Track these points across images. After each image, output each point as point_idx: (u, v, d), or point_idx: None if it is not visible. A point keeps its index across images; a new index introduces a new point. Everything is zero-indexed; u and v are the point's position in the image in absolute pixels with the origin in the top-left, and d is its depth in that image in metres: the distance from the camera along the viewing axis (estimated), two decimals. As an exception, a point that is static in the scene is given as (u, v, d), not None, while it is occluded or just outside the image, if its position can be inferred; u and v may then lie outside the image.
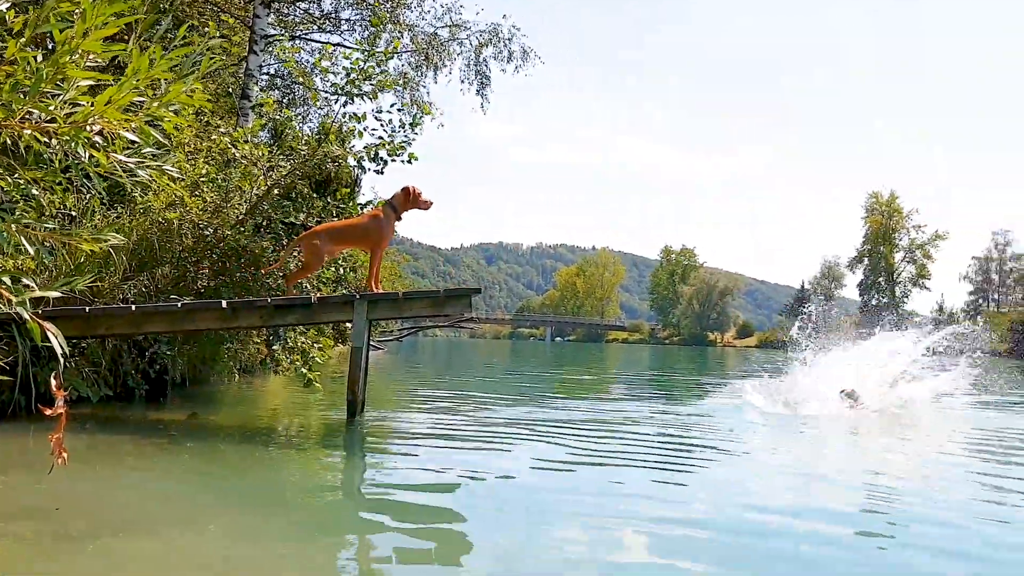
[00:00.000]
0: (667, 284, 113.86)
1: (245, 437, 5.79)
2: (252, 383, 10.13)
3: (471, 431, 6.45)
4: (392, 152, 8.75)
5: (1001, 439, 6.65)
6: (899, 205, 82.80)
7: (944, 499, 4.18)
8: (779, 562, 2.93)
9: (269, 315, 6.54)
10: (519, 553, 2.97)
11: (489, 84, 16.42)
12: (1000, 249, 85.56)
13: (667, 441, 6.11)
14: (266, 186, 8.69)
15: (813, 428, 7.17)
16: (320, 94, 13.91)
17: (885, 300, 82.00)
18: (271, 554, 2.87)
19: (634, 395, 10.92)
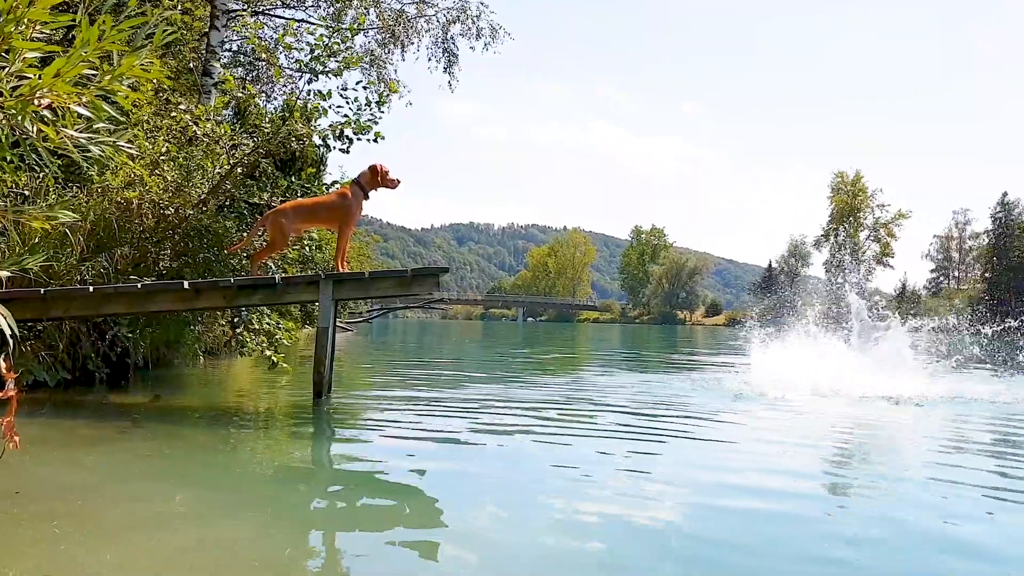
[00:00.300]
0: (637, 264, 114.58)
1: (210, 419, 5.71)
2: (218, 366, 10.00)
3: (440, 411, 6.42)
4: (358, 131, 8.62)
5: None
6: (864, 184, 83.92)
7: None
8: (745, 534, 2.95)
9: (233, 295, 6.43)
10: (489, 531, 2.95)
11: (457, 62, 16.26)
12: (960, 228, 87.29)
13: (640, 417, 6.13)
14: (229, 165, 8.53)
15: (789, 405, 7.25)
16: (284, 71, 13.69)
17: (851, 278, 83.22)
18: (237, 535, 2.82)
19: (606, 372, 10.96)
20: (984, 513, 3.34)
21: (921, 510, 3.35)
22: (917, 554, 2.77)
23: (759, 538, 2.92)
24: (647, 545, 2.80)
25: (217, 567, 2.47)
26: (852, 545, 2.84)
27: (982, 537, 2.99)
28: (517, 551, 2.73)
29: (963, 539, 2.94)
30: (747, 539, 2.90)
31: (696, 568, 2.59)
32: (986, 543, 2.91)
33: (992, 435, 5.66)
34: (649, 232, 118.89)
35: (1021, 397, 7.56)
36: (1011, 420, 6.21)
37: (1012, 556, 2.78)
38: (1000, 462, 4.56)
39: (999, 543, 2.93)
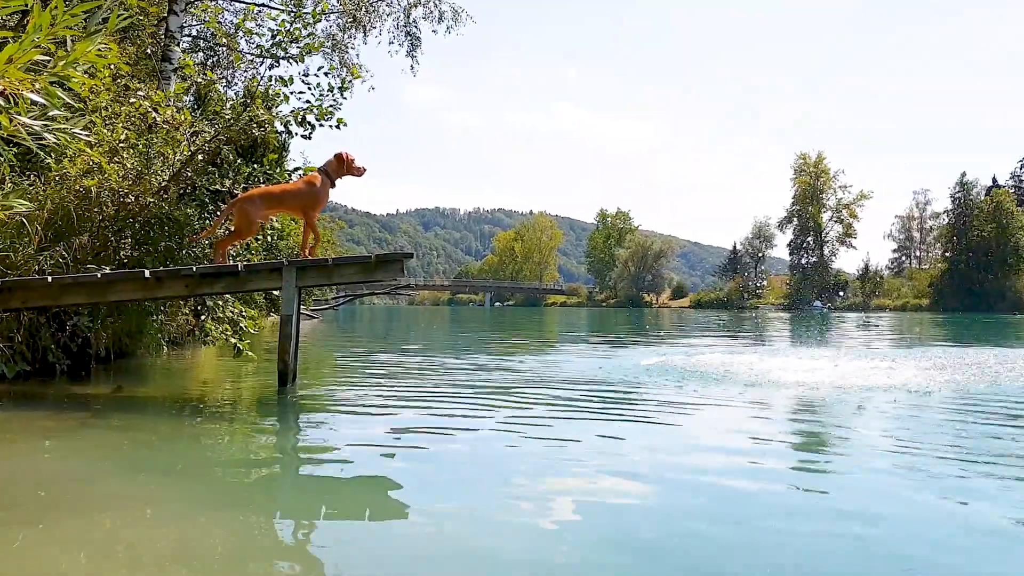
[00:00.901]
0: (603, 247, 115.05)
1: (174, 409, 5.67)
2: (182, 355, 9.90)
3: (407, 398, 6.45)
4: (320, 117, 8.57)
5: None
6: (826, 166, 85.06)
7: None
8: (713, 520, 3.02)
9: (195, 284, 6.38)
10: (458, 519, 2.97)
11: (420, 46, 16.15)
12: (921, 208, 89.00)
13: (606, 399, 6.20)
14: (190, 152, 8.41)
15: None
16: (245, 57, 13.49)
17: (814, 259, 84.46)
18: (202, 526, 2.82)
19: (573, 355, 11.04)
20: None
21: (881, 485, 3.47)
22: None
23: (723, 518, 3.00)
24: (617, 531, 2.86)
25: (183, 558, 2.48)
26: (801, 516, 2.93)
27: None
28: (486, 537, 2.75)
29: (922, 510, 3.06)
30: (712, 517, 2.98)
31: (665, 553, 2.66)
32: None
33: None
34: (615, 215, 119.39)
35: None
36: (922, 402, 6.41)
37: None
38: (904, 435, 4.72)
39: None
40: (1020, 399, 6.24)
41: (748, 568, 2.42)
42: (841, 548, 2.60)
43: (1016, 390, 6.77)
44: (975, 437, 4.58)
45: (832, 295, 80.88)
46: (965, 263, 69.18)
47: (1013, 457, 4.03)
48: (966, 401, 6.10)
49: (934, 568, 2.43)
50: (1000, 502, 3.19)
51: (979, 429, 4.86)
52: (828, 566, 2.45)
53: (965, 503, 3.14)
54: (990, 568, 2.47)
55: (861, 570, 2.41)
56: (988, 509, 3.07)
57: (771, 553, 2.56)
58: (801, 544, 2.66)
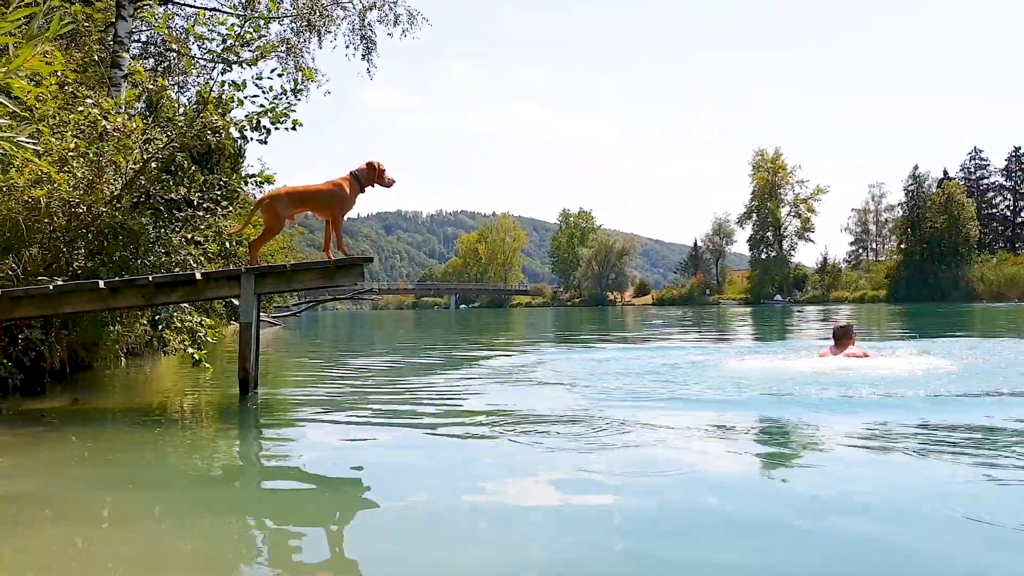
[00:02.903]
0: (567, 247, 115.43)
1: (134, 421, 5.58)
2: (140, 366, 9.74)
3: (368, 404, 6.42)
4: (275, 120, 8.47)
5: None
6: (784, 162, 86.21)
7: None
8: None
9: (151, 294, 6.29)
10: (420, 525, 2.96)
11: (375, 49, 16.06)
12: (876, 201, 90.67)
13: (573, 401, 6.21)
14: (143, 160, 8.28)
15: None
16: (197, 62, 13.30)
17: (774, 254, 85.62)
18: (165, 538, 2.79)
19: (537, 357, 11.04)
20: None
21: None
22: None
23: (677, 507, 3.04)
24: (586, 536, 2.86)
25: (146, 571, 2.45)
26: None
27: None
28: (449, 543, 2.74)
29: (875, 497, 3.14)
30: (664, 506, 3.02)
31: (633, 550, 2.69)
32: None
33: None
34: (577, 215, 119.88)
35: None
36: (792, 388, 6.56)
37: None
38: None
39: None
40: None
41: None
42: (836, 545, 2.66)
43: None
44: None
45: (792, 289, 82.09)
46: (919, 254, 70.64)
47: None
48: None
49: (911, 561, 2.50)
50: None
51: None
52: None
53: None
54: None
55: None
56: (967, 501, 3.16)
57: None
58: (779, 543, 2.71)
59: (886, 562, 2.38)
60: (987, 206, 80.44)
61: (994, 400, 5.55)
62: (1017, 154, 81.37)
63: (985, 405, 5.36)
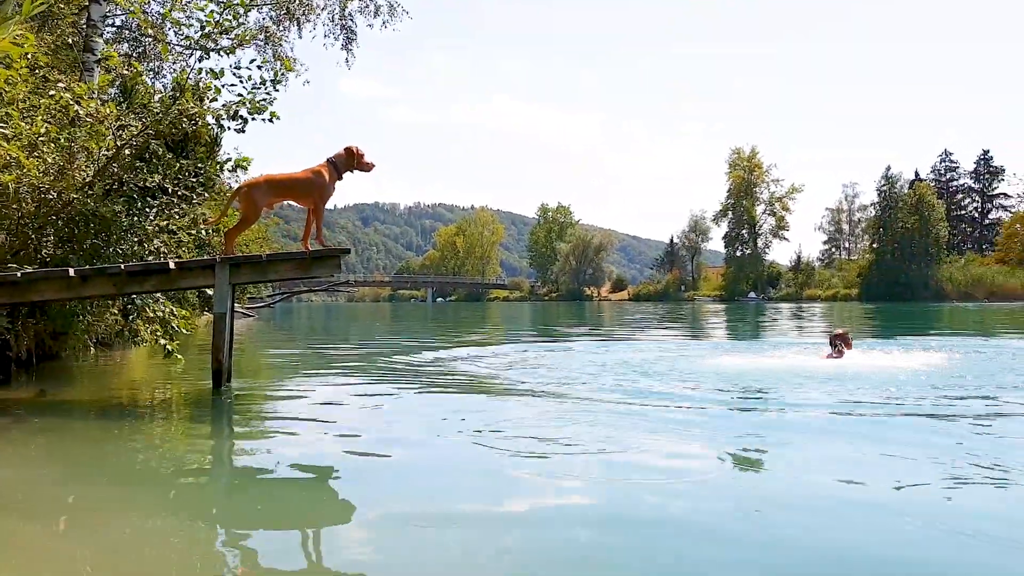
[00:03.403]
0: (545, 242, 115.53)
1: (103, 413, 5.49)
2: (110, 357, 9.60)
3: (344, 397, 6.37)
4: (253, 110, 8.36)
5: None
6: (759, 160, 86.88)
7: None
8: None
9: (123, 282, 6.19)
10: (393, 521, 2.94)
11: (355, 39, 15.94)
12: (850, 200, 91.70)
13: (550, 396, 6.20)
14: (116, 146, 8.13)
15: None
16: (173, 48, 13.10)
17: (749, 252, 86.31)
18: (131, 535, 2.73)
19: (513, 351, 11.02)
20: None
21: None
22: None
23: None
24: (564, 537, 2.85)
25: (114, 568, 2.40)
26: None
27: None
28: (423, 539, 2.72)
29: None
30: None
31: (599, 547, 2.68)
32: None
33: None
34: (555, 210, 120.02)
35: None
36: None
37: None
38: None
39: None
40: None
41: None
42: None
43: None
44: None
45: (766, 286, 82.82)
46: (891, 254, 71.50)
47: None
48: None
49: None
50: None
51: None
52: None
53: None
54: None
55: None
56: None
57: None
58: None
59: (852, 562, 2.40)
60: (956, 207, 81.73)
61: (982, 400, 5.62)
62: (985, 157, 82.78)
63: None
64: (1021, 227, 72.55)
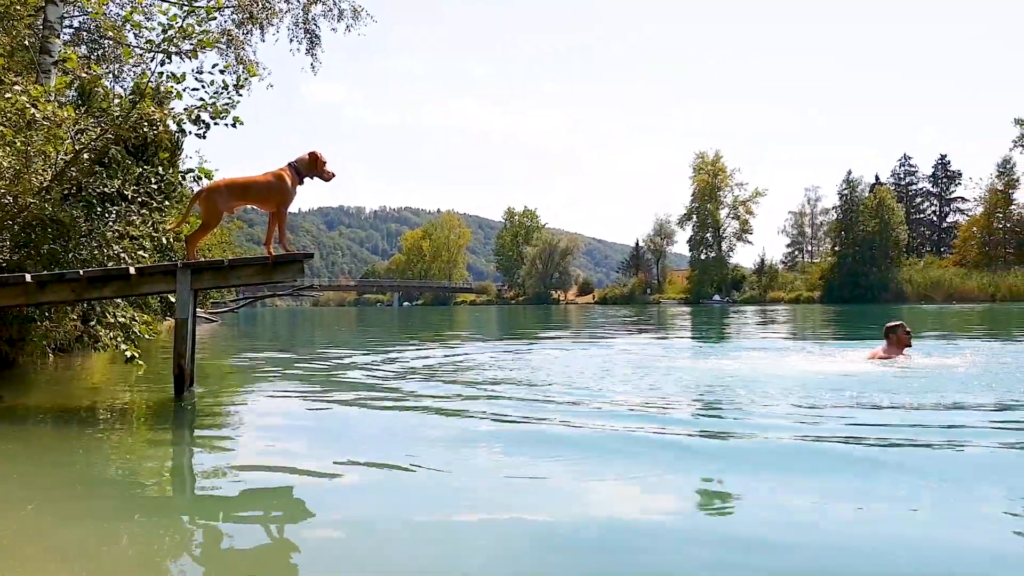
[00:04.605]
0: (511, 245, 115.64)
1: (60, 420, 5.42)
2: (69, 363, 9.45)
3: (307, 402, 6.36)
4: (215, 115, 8.30)
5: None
6: (723, 164, 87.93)
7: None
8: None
9: (82, 289, 6.12)
10: (356, 527, 2.95)
11: (319, 44, 15.89)
12: (812, 204, 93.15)
13: (521, 396, 6.23)
14: (74, 150, 8.03)
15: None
16: (134, 51, 12.93)
17: (713, 255, 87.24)
18: (88, 545, 2.72)
19: (479, 353, 11.04)
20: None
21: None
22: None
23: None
24: (531, 540, 2.91)
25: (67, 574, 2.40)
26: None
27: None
28: (388, 548, 2.73)
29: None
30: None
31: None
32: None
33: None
34: (522, 214, 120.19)
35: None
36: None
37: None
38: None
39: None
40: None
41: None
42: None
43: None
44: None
45: (730, 289, 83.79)
46: (852, 257, 72.81)
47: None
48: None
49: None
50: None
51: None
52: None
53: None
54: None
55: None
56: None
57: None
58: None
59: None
60: (915, 211, 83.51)
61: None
62: (943, 162, 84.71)
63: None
64: (977, 230, 74.41)
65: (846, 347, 10.69)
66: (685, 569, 2.42)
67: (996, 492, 3.20)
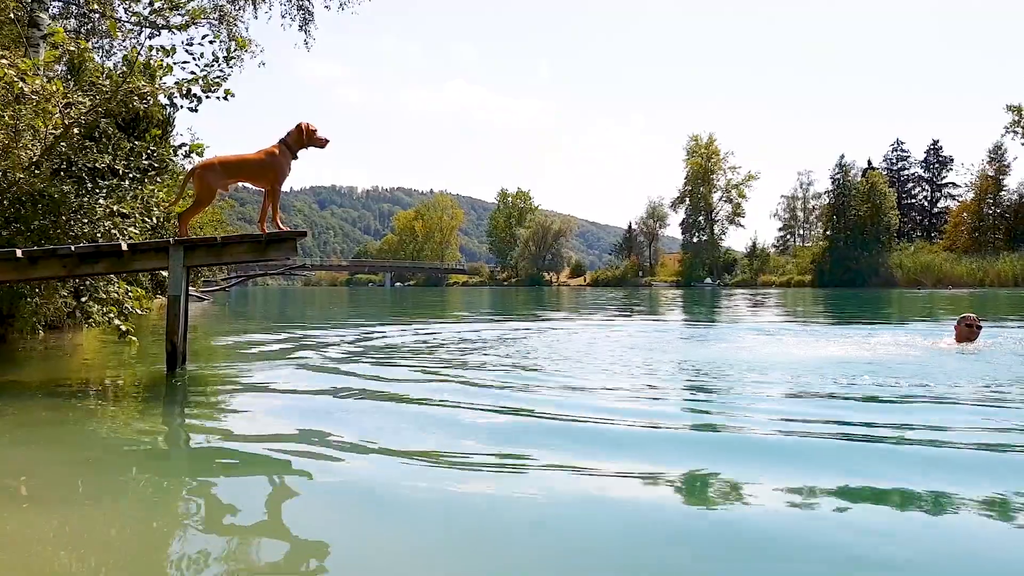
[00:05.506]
0: (504, 227, 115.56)
1: (51, 397, 5.37)
2: (61, 339, 9.39)
3: (300, 380, 6.33)
4: (206, 88, 8.20)
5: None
6: (717, 147, 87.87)
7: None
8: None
9: (74, 264, 6.06)
10: (351, 508, 2.93)
11: (312, 20, 15.73)
12: (804, 188, 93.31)
13: (516, 375, 6.24)
14: (64, 125, 7.93)
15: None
16: (123, 25, 12.77)
17: (705, 238, 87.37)
18: (84, 521, 2.69)
19: (470, 330, 11.03)
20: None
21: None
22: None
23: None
24: (526, 528, 2.90)
25: (66, 556, 2.38)
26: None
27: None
28: (381, 526, 2.72)
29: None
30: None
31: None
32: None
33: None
34: (515, 195, 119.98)
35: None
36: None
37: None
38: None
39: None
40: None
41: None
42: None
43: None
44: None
45: (722, 272, 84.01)
46: (843, 241, 73.06)
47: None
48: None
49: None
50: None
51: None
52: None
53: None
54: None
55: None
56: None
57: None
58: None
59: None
60: (907, 196, 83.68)
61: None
62: (935, 147, 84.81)
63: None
64: (967, 216, 74.69)
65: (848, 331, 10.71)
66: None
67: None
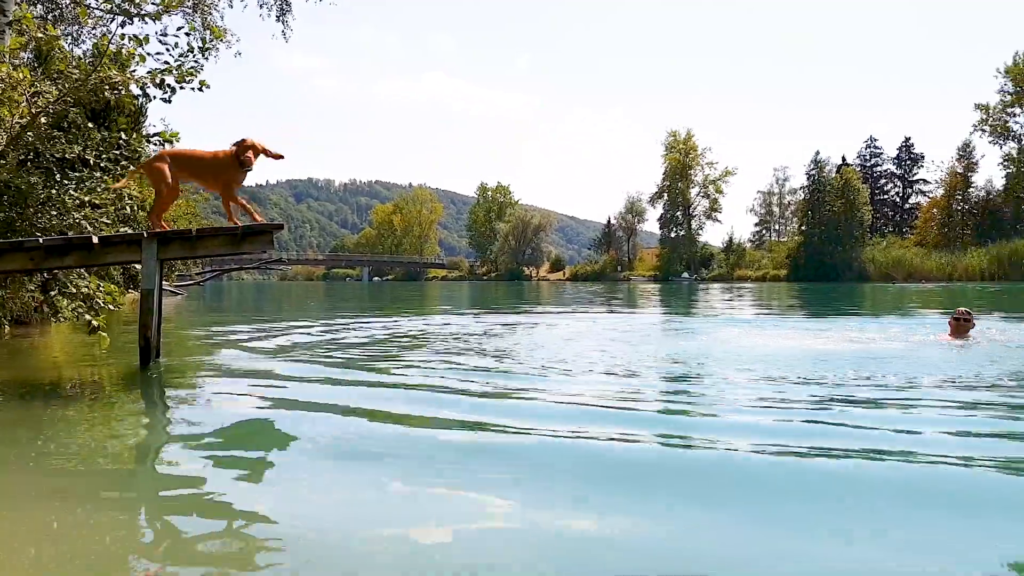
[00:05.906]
0: (484, 221, 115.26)
1: (20, 394, 5.21)
2: (28, 334, 9.17)
3: (274, 375, 6.21)
4: (180, 79, 8.02)
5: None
6: (695, 143, 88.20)
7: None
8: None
9: (41, 258, 5.89)
10: (327, 501, 2.87)
11: (290, 11, 15.53)
12: (780, 184, 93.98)
13: (484, 370, 6.16)
14: (30, 114, 7.72)
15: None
16: (93, 13, 12.49)
17: (683, 233, 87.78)
18: (53, 525, 2.58)
19: (449, 325, 10.95)
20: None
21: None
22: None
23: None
24: (503, 523, 2.83)
25: (35, 559, 2.26)
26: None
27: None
28: (358, 520, 2.66)
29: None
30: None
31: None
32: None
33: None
34: (495, 189, 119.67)
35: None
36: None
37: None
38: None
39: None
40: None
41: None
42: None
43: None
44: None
45: (699, 267, 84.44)
46: (818, 236, 73.68)
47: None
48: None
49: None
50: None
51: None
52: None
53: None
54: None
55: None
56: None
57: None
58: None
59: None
60: (879, 192, 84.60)
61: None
62: (907, 144, 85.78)
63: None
64: (937, 212, 75.67)
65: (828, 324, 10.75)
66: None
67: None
